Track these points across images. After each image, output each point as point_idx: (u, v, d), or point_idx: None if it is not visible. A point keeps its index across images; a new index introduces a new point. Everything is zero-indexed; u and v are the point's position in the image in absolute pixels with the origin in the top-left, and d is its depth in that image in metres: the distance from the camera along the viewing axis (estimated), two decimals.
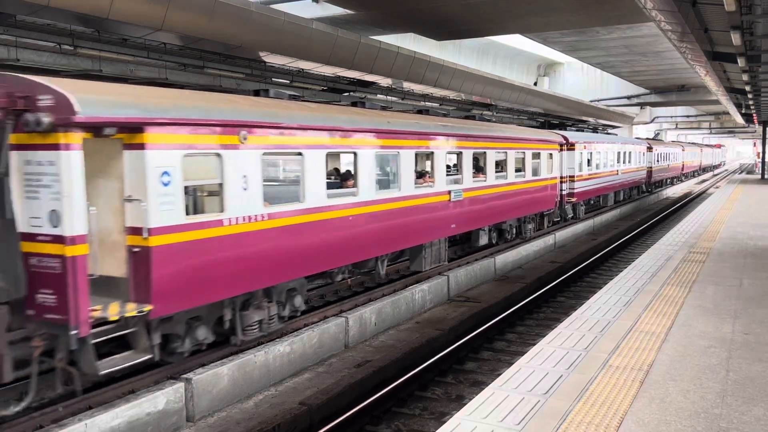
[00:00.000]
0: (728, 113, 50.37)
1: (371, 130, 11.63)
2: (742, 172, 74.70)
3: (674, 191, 48.21)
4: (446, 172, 14.54)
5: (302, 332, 9.83)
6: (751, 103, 30.38)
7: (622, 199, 33.73)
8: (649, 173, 38.28)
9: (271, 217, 9.24)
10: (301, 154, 9.87)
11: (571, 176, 23.79)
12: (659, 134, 62.30)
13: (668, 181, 47.76)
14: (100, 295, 7.29)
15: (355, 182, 11.35)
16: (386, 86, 21.04)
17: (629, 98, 45.23)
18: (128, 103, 7.38)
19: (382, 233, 12.06)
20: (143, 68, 13.76)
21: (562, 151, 22.81)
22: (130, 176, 7.45)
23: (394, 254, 14.11)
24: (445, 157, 14.30)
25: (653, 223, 27.80)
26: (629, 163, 32.66)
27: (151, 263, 7.41)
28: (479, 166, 16.17)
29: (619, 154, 30.56)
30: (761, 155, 47.78)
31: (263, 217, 9.09)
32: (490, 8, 18.13)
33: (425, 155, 14.42)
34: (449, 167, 15.62)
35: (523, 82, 34.06)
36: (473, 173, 15.58)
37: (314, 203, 10.12)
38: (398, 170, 12.57)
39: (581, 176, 24.60)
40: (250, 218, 8.87)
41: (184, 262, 7.85)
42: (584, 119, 39.48)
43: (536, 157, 19.73)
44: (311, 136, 10.06)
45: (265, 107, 9.43)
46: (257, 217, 8.97)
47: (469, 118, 18.33)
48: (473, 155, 15.57)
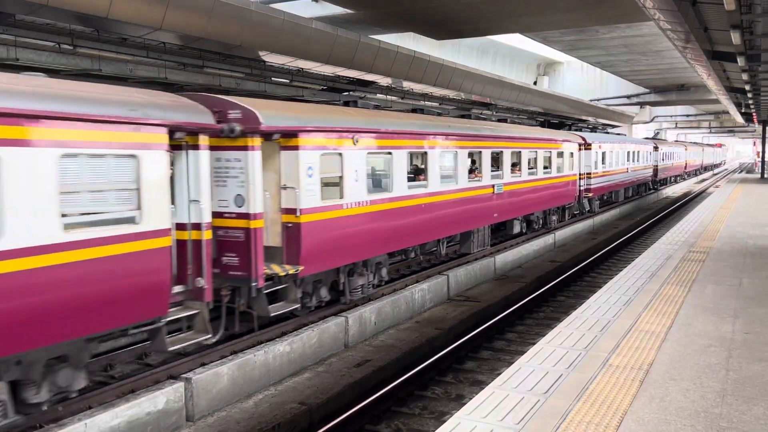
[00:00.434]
0: (728, 112, 50.36)
1: (438, 133, 13.99)
2: (741, 171, 74.70)
3: (674, 190, 48.27)
4: (490, 168, 16.82)
5: (302, 332, 9.83)
6: (750, 102, 30.36)
7: (631, 195, 35.60)
8: (655, 171, 40.40)
9: (372, 203, 11.70)
10: (390, 153, 12.30)
11: (588, 173, 25.73)
12: (659, 133, 62.25)
13: (672, 179, 49.66)
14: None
15: (425, 176, 13.65)
16: (386, 85, 21.02)
17: (629, 97, 45.20)
18: (289, 115, 9.85)
19: (444, 219, 14.40)
20: (143, 68, 13.75)
21: (580, 150, 24.88)
22: (285, 170, 9.86)
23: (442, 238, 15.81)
24: (490, 155, 16.60)
25: (653, 222, 27.80)
26: (638, 161, 34.74)
27: (301, 235, 9.87)
28: (515, 163, 18.46)
29: (629, 153, 32.51)
30: (761, 154, 47.78)
31: (367, 203, 11.57)
32: (489, 7, 18.11)
33: (475, 153, 16.35)
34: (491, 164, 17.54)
35: (522, 81, 34.05)
36: (510, 170, 18.02)
37: (399, 193, 12.53)
38: (456, 166, 14.80)
39: (597, 173, 26.76)
40: (359, 203, 11.30)
41: (320, 235, 10.27)
42: (584, 118, 39.46)
43: (560, 156, 22.03)
44: (398, 139, 12.54)
45: (368, 117, 11.93)
46: (363, 202, 11.46)
47: (501, 120, 21.44)
48: (511, 153, 17.99)
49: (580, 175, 24.91)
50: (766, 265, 10.88)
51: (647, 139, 44.57)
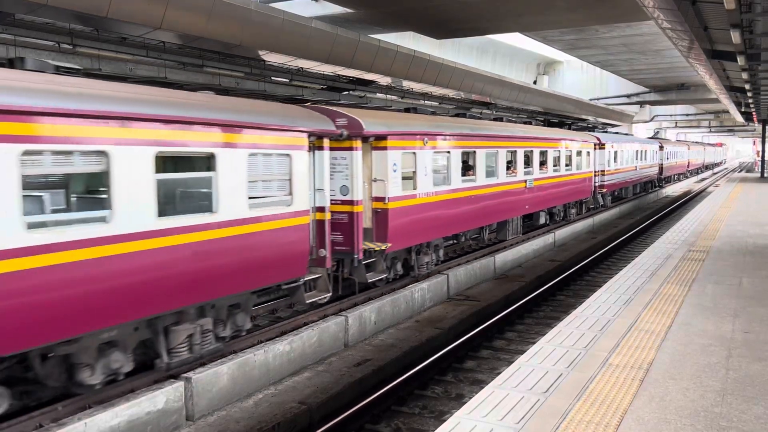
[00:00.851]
0: (728, 112, 50.35)
1: (483, 135, 16.16)
2: (741, 170, 74.73)
3: (674, 189, 48.29)
4: (523, 165, 19.04)
5: (302, 331, 9.83)
6: (750, 101, 30.35)
7: (638, 191, 37.70)
8: (660, 169, 42.82)
9: (436, 194, 13.88)
10: (449, 152, 14.49)
11: (602, 171, 28.19)
12: (658, 133, 62.27)
13: (675, 177, 51.60)
14: None
15: (474, 172, 15.73)
16: (386, 85, 21.01)
17: (629, 96, 45.20)
18: (380, 122, 12.20)
19: (488, 209, 16.69)
20: (142, 67, 13.74)
21: (595, 149, 27.17)
22: (376, 166, 12.18)
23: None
24: (523, 154, 18.93)
25: (653, 221, 27.81)
26: (645, 160, 37.00)
27: (388, 218, 12.24)
28: (542, 161, 20.52)
29: (637, 152, 34.66)
30: (761, 154, 47.79)
31: (433, 193, 13.76)
32: (489, 7, 18.11)
33: (512, 152, 18.39)
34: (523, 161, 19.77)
35: (522, 80, 34.04)
36: (539, 167, 20.18)
37: (455, 186, 14.70)
38: (497, 163, 17.03)
39: (609, 171, 29.07)
40: (427, 194, 13.57)
41: (401, 219, 12.63)
42: (584, 118, 39.45)
43: (579, 154, 24.27)
44: (454, 140, 14.66)
45: (432, 122, 14.25)
46: (430, 193, 13.67)
47: (526, 122, 23.53)
48: (540, 153, 20.18)
49: (595, 172, 27.14)
50: (766, 264, 10.88)
51: (652, 138, 46.05)
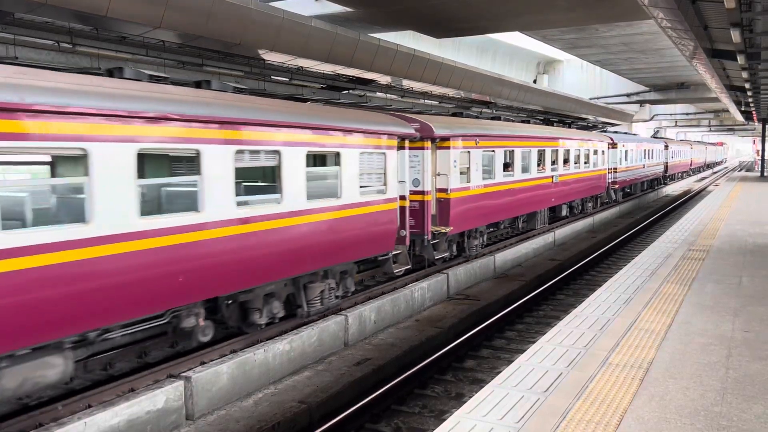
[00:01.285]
0: (728, 111, 50.31)
1: (520, 136, 18.77)
2: (741, 169, 74.75)
3: (674, 189, 48.29)
4: (550, 162, 21.45)
5: (302, 330, 9.83)
6: (750, 100, 30.34)
7: (646, 188, 40.37)
8: (666, 167, 45.67)
9: (485, 186, 16.39)
10: (494, 151, 16.90)
11: (614, 168, 30.87)
12: (658, 132, 62.24)
13: (679, 174, 54.47)
14: None
15: (512, 168, 18.27)
16: (385, 84, 21.00)
17: (629, 96, 45.13)
18: (445, 126, 14.73)
19: (523, 201, 19.14)
20: (142, 66, 13.72)
21: (609, 148, 29.82)
22: (440, 162, 14.62)
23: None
24: (550, 152, 21.28)
25: (653, 220, 27.80)
26: (652, 158, 39.91)
27: (450, 206, 14.64)
28: (566, 159, 22.97)
29: (645, 151, 37.47)
30: (761, 153, 47.77)
31: (482, 186, 16.17)
32: (489, 6, 18.09)
33: (541, 151, 20.61)
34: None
35: (522, 79, 34.00)
36: (563, 164, 22.59)
37: (498, 180, 17.21)
38: (530, 161, 19.50)
39: (621, 168, 31.90)
40: (477, 186, 15.90)
41: (459, 207, 15.04)
42: (584, 117, 39.42)
43: (595, 153, 26.82)
44: (497, 140, 17.08)
45: (482, 125, 16.98)
46: (480, 186, 16.09)
47: (548, 123, 26.15)
48: (564, 151, 22.66)
49: (608, 169, 29.79)
50: (766, 263, 10.88)
51: (657, 138, 48.44)
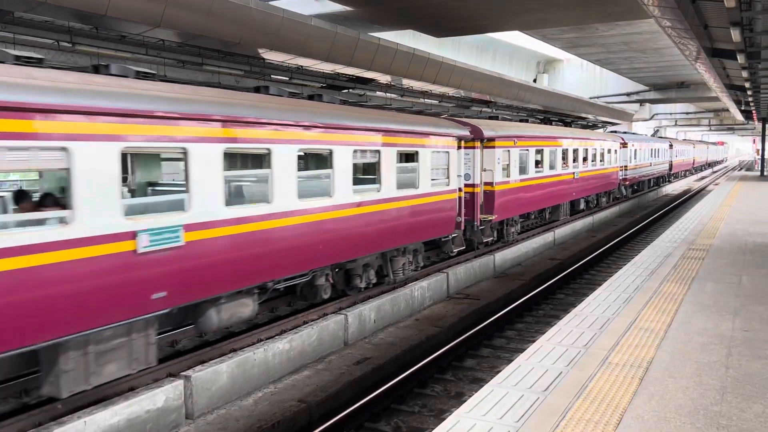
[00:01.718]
0: (728, 110, 50.29)
1: (548, 136, 21.42)
2: (741, 168, 74.77)
3: (674, 188, 48.30)
4: (572, 160, 23.91)
5: (302, 329, 9.83)
6: (750, 100, 30.34)
7: (652, 185, 43.05)
8: (670, 166, 47.98)
9: (521, 181, 18.71)
10: (528, 150, 19.39)
11: (625, 166, 33.30)
12: (658, 131, 62.23)
13: (682, 173, 57.06)
14: None
15: (542, 165, 20.73)
16: (385, 83, 20.99)
17: (629, 95, 45.12)
18: (491, 128, 17.01)
19: (549, 193, 21.82)
20: (142, 65, 13.71)
21: (621, 148, 32.06)
22: (486, 160, 16.86)
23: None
24: (572, 150, 23.76)
25: (652, 220, 27.79)
26: (658, 157, 42.49)
27: (494, 197, 16.97)
28: (585, 157, 25.36)
29: (652, 150, 40.21)
30: (760, 152, 47.75)
31: (518, 180, 18.52)
32: (488, 5, 18.08)
33: (564, 150, 23.03)
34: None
35: (522, 79, 33.98)
36: (582, 162, 25.06)
37: (530, 175, 19.57)
38: (556, 158, 22.02)
39: (631, 166, 34.49)
40: (515, 180, 18.28)
41: (501, 198, 17.36)
42: (584, 116, 39.40)
43: (609, 152, 29.16)
44: (530, 141, 19.55)
45: (518, 128, 19.67)
46: (517, 180, 18.45)
47: (566, 124, 28.46)
48: (583, 150, 25.13)
49: (620, 167, 32.21)
50: (765, 262, 10.88)
51: (662, 138, 50.76)
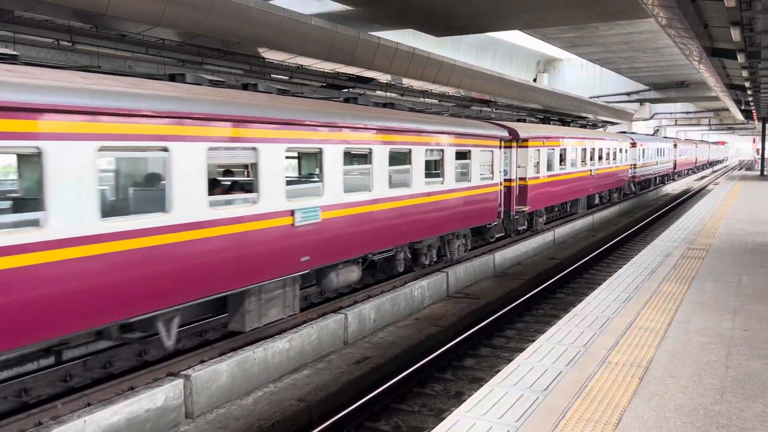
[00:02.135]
0: (728, 110, 50.30)
1: (570, 137, 23.61)
2: (741, 168, 74.78)
3: (674, 188, 48.31)
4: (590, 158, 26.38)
5: (301, 329, 9.83)
6: (750, 99, 30.33)
7: (658, 182, 45.25)
8: (675, 164, 50.31)
9: (549, 176, 21.08)
10: (554, 149, 21.58)
11: (634, 165, 35.40)
12: (659, 131, 62.20)
13: (686, 171, 59.08)
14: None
15: (565, 162, 22.93)
16: (385, 82, 20.99)
17: (629, 94, 45.13)
18: (525, 131, 19.31)
19: (570, 189, 23.88)
20: (142, 64, 13.72)
21: (631, 147, 34.19)
22: (520, 158, 19.04)
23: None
24: (590, 149, 26.05)
25: (652, 219, 27.79)
26: (664, 156, 44.74)
27: (527, 190, 19.07)
28: (600, 156, 27.64)
29: (658, 149, 42.27)
30: (760, 152, 47.73)
31: (547, 176, 20.84)
32: (489, 4, 18.07)
33: (584, 149, 25.42)
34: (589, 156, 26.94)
35: (522, 78, 33.97)
36: (598, 160, 27.42)
37: (556, 171, 21.90)
38: (576, 157, 24.33)
39: (640, 165, 36.80)
40: (544, 176, 20.50)
41: (533, 191, 19.54)
42: (584, 115, 39.39)
43: (620, 151, 31.42)
44: (555, 141, 21.69)
45: (547, 129, 22.04)
46: (545, 176, 20.67)
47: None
48: (600, 149, 27.56)
49: (630, 165, 34.32)
50: (765, 262, 10.88)
51: (667, 138, 52.68)
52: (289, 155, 10.72)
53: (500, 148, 17.36)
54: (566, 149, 22.83)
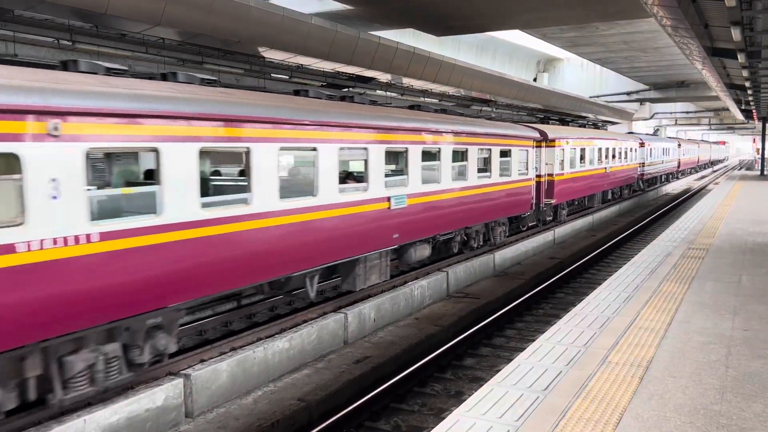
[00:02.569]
0: (728, 109, 50.29)
1: (589, 137, 25.94)
2: (741, 168, 74.78)
3: (674, 187, 48.32)
4: (602, 157, 28.45)
5: (301, 328, 9.83)
6: (750, 99, 30.30)
7: (664, 180, 47.25)
8: (678, 163, 52.60)
9: (571, 173, 23.11)
10: (575, 149, 23.63)
11: (642, 163, 37.63)
12: (659, 130, 62.19)
13: (689, 170, 61.31)
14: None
15: (584, 160, 25.06)
16: (385, 82, 20.98)
17: (629, 94, 45.12)
18: (553, 132, 21.96)
19: (590, 184, 26.53)
20: (141, 64, 13.71)
21: (639, 147, 36.38)
22: (548, 156, 21.45)
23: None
24: (605, 149, 28.34)
25: (652, 219, 27.80)
26: (669, 155, 47.31)
27: (554, 185, 21.52)
28: (613, 155, 29.82)
29: (663, 149, 44.73)
30: (761, 151, 47.73)
31: (570, 173, 22.98)
32: (489, 4, 18.07)
33: (600, 149, 27.55)
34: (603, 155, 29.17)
35: (522, 78, 33.96)
36: (612, 159, 29.78)
37: (577, 168, 24.05)
38: (594, 155, 26.58)
39: (647, 163, 39.20)
40: (568, 173, 22.71)
41: (559, 186, 21.87)
42: (584, 115, 39.39)
43: (631, 150, 33.98)
44: (578, 141, 24.11)
45: (571, 131, 24.04)
46: (569, 172, 22.87)
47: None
48: (613, 149, 29.72)
49: (639, 164, 36.48)
50: (765, 262, 10.87)
51: (671, 138, 54.95)
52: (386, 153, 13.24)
53: (534, 147, 19.81)
54: (585, 149, 25.02)
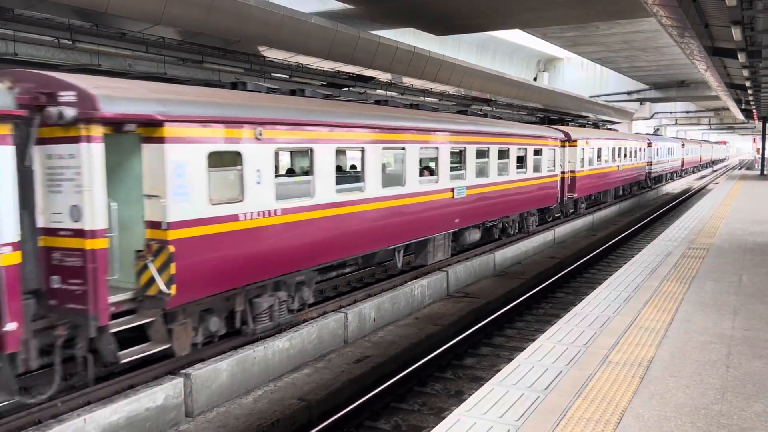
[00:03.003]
0: (728, 109, 50.29)
1: (605, 137, 28.38)
2: (741, 167, 74.78)
3: (674, 187, 48.32)
4: (618, 156, 30.98)
5: (301, 327, 9.83)
6: (751, 98, 30.30)
7: (669, 178, 49.23)
8: (682, 162, 54.66)
9: (589, 170, 25.42)
10: (594, 147, 25.88)
11: (649, 162, 39.60)
12: (659, 130, 62.20)
13: (691, 169, 62.89)
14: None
15: (600, 159, 27.18)
16: (386, 81, 20.98)
17: (629, 94, 45.13)
18: (575, 132, 24.48)
19: (604, 181, 28.60)
20: (142, 63, 13.71)
21: (647, 147, 38.39)
22: (569, 155, 23.89)
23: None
24: (617, 148, 30.32)
25: (652, 219, 27.80)
26: (673, 155, 49.29)
27: (576, 181, 24.19)
28: (624, 154, 32.00)
29: (669, 149, 46.66)
30: (761, 151, 47.73)
31: (588, 170, 25.39)
32: (489, 3, 18.07)
33: (612, 149, 29.61)
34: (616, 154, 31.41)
35: (522, 77, 33.96)
36: (623, 158, 32.02)
37: (594, 166, 26.09)
38: (609, 154, 28.73)
39: (654, 162, 41.17)
40: (587, 170, 25.19)
41: (580, 182, 24.52)
42: (584, 115, 39.39)
43: (640, 150, 36.16)
44: (595, 140, 26.21)
45: (588, 131, 26.66)
46: (588, 169, 25.43)
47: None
48: (623, 148, 31.78)
49: (646, 163, 38.29)
50: (765, 261, 10.87)
51: (675, 138, 56.50)
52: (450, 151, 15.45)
53: (560, 146, 22.21)
54: (601, 148, 27.38)
